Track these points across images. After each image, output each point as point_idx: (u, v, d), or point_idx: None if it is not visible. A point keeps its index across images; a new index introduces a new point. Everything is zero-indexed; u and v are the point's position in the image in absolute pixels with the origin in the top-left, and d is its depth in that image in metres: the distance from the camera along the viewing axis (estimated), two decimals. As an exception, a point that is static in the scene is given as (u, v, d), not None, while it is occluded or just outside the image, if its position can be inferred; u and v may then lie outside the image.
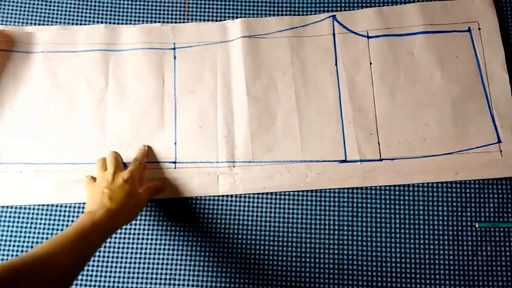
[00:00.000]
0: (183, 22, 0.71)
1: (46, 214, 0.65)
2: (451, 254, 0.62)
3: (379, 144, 0.66)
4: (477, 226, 0.63)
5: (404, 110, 0.67)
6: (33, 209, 0.65)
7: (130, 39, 0.70)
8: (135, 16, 0.72)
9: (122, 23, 0.71)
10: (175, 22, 0.71)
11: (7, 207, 0.65)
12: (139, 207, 0.58)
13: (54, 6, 0.72)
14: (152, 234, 0.64)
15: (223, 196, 0.65)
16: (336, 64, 0.69)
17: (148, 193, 0.61)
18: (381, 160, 0.65)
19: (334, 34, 0.70)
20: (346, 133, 0.66)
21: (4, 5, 0.72)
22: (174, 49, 0.70)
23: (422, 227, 0.63)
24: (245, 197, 0.65)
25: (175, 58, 0.70)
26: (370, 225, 0.64)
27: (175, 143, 0.67)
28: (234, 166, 0.65)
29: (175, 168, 0.66)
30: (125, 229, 0.64)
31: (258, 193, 0.65)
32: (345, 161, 0.65)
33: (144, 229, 0.64)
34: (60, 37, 0.70)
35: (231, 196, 0.65)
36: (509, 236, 0.63)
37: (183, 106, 0.68)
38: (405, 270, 0.62)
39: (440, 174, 0.64)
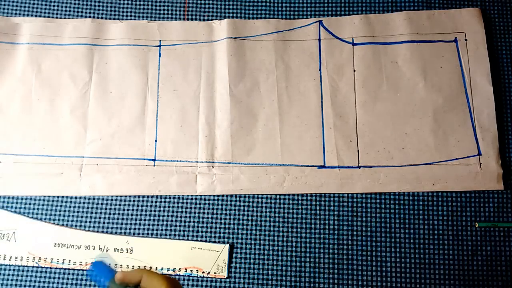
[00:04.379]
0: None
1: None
2: (451, 254, 0.62)
3: (358, 151, 0.66)
4: (477, 226, 0.64)
5: (385, 118, 0.67)
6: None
7: (116, 35, 0.70)
8: (130, 13, 0.72)
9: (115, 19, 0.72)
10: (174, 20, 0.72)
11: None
12: None
13: (42, -2, 0.72)
14: (152, 233, 0.64)
15: (223, 195, 0.65)
16: (320, 69, 0.69)
17: None
18: (359, 167, 0.65)
19: (319, 40, 0.70)
20: (326, 139, 0.66)
21: (-7, -5, 0.72)
22: (159, 46, 0.70)
23: (422, 227, 0.64)
24: (245, 197, 0.65)
25: (160, 55, 0.70)
26: (370, 225, 0.64)
27: (156, 141, 0.67)
28: (213, 167, 0.66)
29: (154, 165, 0.66)
30: (124, 228, 0.64)
31: (253, 194, 0.65)
32: (323, 166, 0.65)
33: (144, 228, 0.64)
34: (46, 30, 0.70)
35: (232, 195, 0.65)
36: (509, 236, 0.63)
37: (165, 104, 0.68)
38: (405, 270, 0.62)
39: (417, 184, 0.64)
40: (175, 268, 0.63)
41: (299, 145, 0.66)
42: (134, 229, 0.64)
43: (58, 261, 0.63)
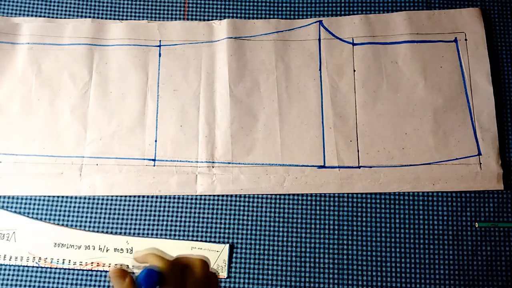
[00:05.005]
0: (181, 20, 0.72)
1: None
2: (451, 254, 0.63)
3: (358, 151, 0.66)
4: (477, 226, 0.64)
5: (385, 118, 0.67)
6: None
7: (116, 35, 0.70)
8: (130, 13, 0.72)
9: (115, 19, 0.72)
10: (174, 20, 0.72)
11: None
12: None
13: (42, -2, 0.72)
14: (152, 233, 0.64)
15: (223, 195, 0.65)
16: (320, 69, 0.69)
17: None
18: (359, 167, 0.65)
19: (319, 40, 0.70)
20: (326, 139, 0.66)
21: (-7, -5, 0.72)
22: (159, 46, 0.70)
23: (422, 227, 0.64)
24: (245, 197, 0.65)
25: (160, 55, 0.70)
26: (370, 225, 0.64)
27: (156, 141, 0.67)
28: (213, 167, 0.66)
29: (154, 165, 0.66)
30: (124, 228, 0.64)
31: (253, 194, 0.65)
32: (323, 166, 0.65)
33: (144, 228, 0.64)
34: (46, 30, 0.70)
35: (232, 195, 0.65)
36: (509, 236, 0.63)
37: (165, 104, 0.68)
38: (405, 270, 0.62)
39: (417, 184, 0.64)
40: (175, 268, 0.62)
41: (299, 145, 0.66)
42: (134, 229, 0.64)
43: (58, 261, 0.63)
